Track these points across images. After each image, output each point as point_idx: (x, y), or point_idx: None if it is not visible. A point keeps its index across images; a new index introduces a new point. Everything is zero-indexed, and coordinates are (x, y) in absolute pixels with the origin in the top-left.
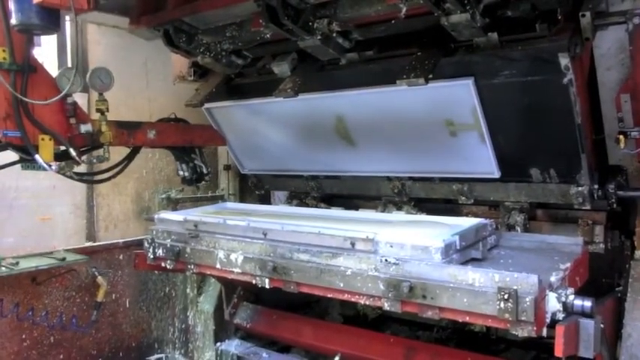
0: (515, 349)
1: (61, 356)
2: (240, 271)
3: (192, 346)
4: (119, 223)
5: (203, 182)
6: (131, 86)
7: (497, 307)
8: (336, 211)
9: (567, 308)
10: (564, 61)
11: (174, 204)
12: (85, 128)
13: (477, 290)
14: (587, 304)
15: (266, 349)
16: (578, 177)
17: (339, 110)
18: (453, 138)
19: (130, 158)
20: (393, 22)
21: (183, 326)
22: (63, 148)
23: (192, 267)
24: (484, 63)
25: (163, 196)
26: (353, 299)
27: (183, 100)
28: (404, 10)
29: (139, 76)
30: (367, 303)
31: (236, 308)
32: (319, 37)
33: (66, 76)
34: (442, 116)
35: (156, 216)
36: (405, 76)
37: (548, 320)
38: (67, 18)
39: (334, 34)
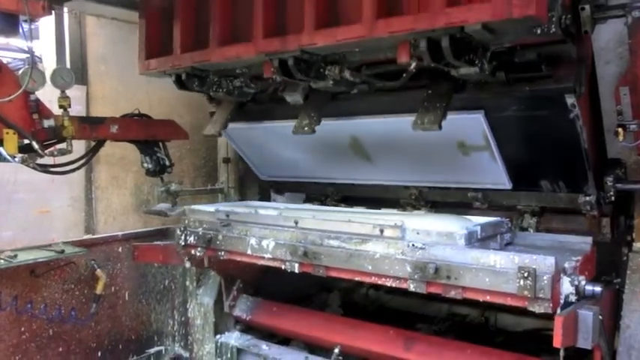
0: (513, 342)
1: (60, 349)
2: (270, 256)
3: (191, 339)
4: (118, 216)
5: (209, 176)
6: (131, 79)
7: (517, 284)
8: (360, 209)
9: (579, 292)
10: (570, 100)
11: (173, 197)
12: (47, 123)
13: (498, 270)
14: (598, 289)
15: (266, 341)
16: (585, 188)
17: (354, 132)
18: (465, 157)
19: (94, 151)
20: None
21: (182, 319)
22: (27, 141)
23: (223, 253)
24: (493, 99)
25: (162, 189)
26: (380, 281)
27: (182, 93)
28: (413, 65)
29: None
30: (394, 285)
31: (235, 301)
32: (331, 82)
33: (28, 75)
34: (454, 138)
35: (186, 207)
36: (419, 122)
37: (562, 301)
38: (65, 10)
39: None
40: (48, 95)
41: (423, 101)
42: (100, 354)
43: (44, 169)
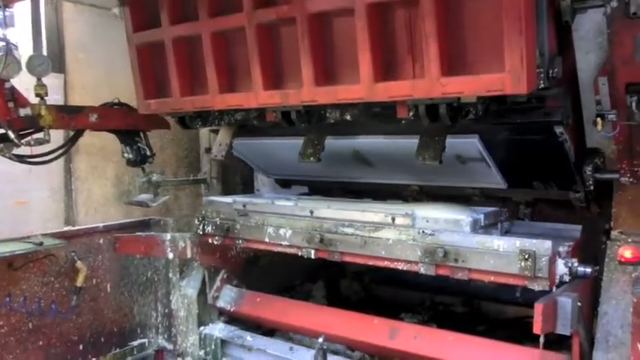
0: (496, 330)
1: (41, 342)
2: (287, 243)
3: (175, 331)
4: (99, 207)
5: (191, 166)
6: (112, 66)
7: (519, 265)
8: (368, 201)
9: (572, 273)
10: (559, 130)
11: (155, 187)
12: (24, 112)
13: (501, 253)
14: (588, 270)
15: (250, 332)
16: (574, 187)
17: (355, 147)
18: (462, 165)
19: (72, 141)
20: None
21: (166, 311)
22: (2, 130)
23: (241, 241)
24: (486, 126)
25: (144, 179)
26: (392, 265)
27: None
28: (411, 113)
29: (120, 55)
30: (405, 268)
31: (219, 292)
32: (332, 121)
33: (3, 62)
34: (451, 153)
35: (204, 199)
36: (420, 158)
37: (557, 280)
38: None
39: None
40: (25, 84)
41: (422, 135)
42: (81, 347)
43: (21, 159)
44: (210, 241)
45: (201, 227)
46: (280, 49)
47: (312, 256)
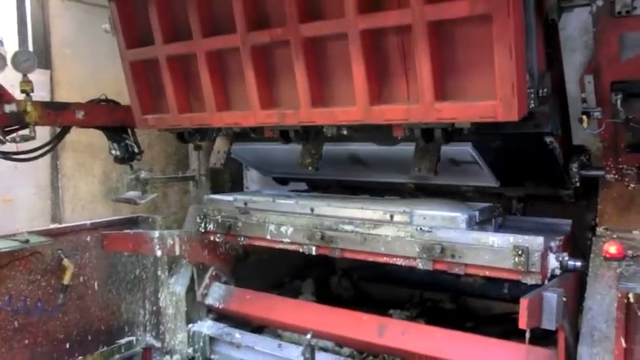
0: (483, 326)
1: (26, 341)
2: (289, 240)
3: (163, 328)
4: (87, 205)
5: (180, 164)
6: (98, 63)
7: (513, 261)
8: (366, 197)
9: (563, 266)
10: (549, 139)
11: (143, 185)
12: (9, 108)
13: (496, 249)
14: (578, 263)
15: (239, 329)
16: (564, 186)
17: (352, 151)
18: (456, 167)
19: (59, 137)
20: None
21: (154, 308)
22: None
23: (242, 239)
24: (479, 136)
25: (132, 176)
26: (391, 261)
27: None
28: (406, 130)
29: (107, 53)
30: (404, 264)
31: (208, 289)
32: (329, 135)
33: None
34: (445, 156)
35: (205, 197)
36: (416, 169)
37: (549, 274)
38: None
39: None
40: (10, 80)
41: (417, 145)
42: (68, 345)
43: (6, 156)
44: (212, 238)
45: (202, 225)
46: (276, 69)
47: (314, 253)
